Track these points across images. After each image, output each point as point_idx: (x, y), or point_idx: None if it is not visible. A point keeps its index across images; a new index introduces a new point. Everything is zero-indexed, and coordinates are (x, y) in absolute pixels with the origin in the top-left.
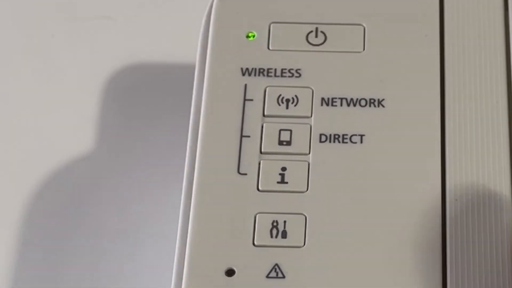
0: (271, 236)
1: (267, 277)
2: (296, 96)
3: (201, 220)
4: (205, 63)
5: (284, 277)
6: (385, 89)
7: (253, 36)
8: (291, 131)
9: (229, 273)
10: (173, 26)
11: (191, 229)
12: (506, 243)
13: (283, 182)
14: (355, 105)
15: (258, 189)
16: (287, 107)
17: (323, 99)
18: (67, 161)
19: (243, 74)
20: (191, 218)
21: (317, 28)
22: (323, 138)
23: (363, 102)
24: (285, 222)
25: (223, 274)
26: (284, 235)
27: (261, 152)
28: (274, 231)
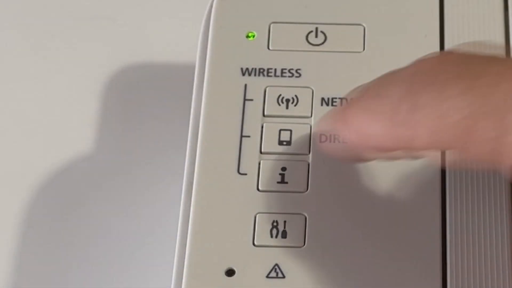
0: (271, 236)
1: (267, 277)
2: (296, 96)
3: (201, 220)
4: (205, 63)
5: (284, 277)
6: None
7: (253, 36)
8: (291, 131)
9: (229, 273)
10: (173, 26)
11: (191, 229)
12: (506, 243)
13: (283, 182)
14: None
15: (258, 189)
16: (287, 107)
17: (323, 99)
18: (67, 161)
19: (243, 74)
20: (191, 218)
21: (317, 28)
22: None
23: None
24: (285, 222)
25: (223, 274)
26: (284, 235)
27: (261, 152)
28: (274, 231)
